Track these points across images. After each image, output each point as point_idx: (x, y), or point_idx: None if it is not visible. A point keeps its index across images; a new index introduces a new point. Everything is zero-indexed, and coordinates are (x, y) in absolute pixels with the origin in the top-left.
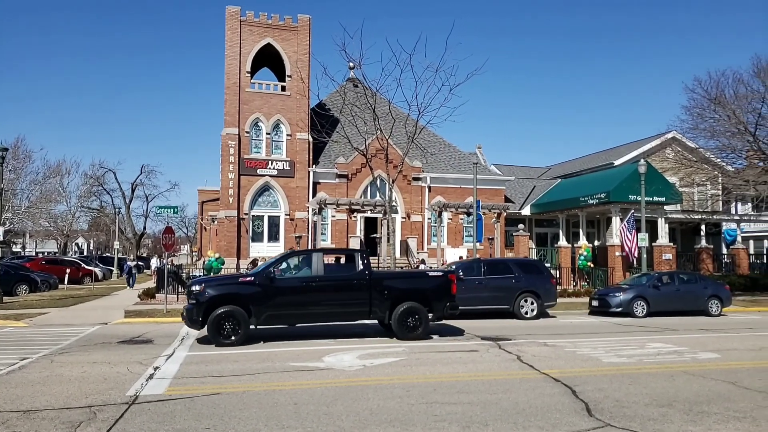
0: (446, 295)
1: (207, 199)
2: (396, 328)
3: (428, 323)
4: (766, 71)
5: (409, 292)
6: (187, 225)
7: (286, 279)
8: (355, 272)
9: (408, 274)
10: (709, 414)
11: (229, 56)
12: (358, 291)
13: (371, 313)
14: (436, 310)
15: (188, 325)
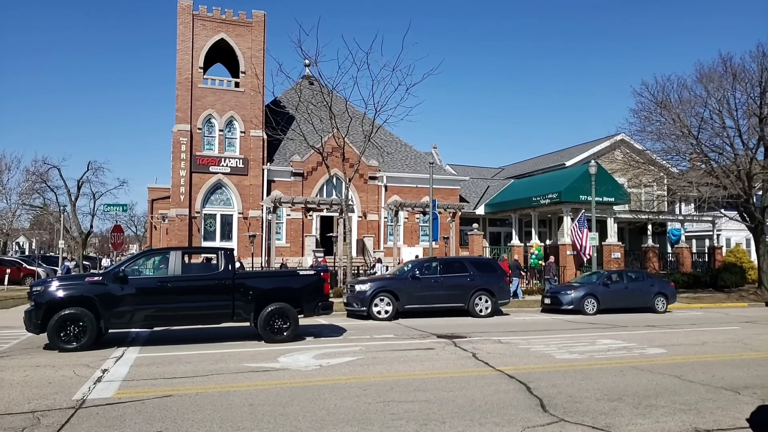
0: (318, 294)
1: (157, 197)
2: (261, 330)
3: (298, 325)
4: (708, 77)
5: (277, 292)
6: (136, 223)
7: (140, 279)
8: (217, 272)
9: (277, 273)
10: (657, 407)
11: (181, 51)
12: (220, 292)
13: (234, 315)
14: (307, 311)
15: (27, 329)
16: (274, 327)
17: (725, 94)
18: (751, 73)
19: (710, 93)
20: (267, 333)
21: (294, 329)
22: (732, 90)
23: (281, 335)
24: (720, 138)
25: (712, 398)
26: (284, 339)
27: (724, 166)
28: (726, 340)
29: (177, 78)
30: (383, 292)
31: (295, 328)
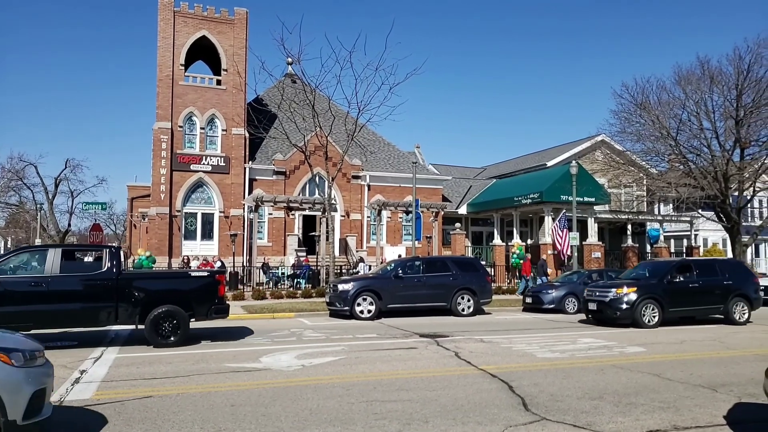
0: (212, 297)
1: (137, 195)
2: (148, 334)
3: (188, 329)
4: (686, 80)
5: (166, 294)
6: (115, 222)
7: (11, 278)
8: (100, 272)
9: (167, 274)
10: (636, 405)
11: (162, 48)
12: (101, 292)
13: (118, 317)
14: (199, 314)
15: None
16: (161, 330)
17: (703, 97)
18: (727, 75)
19: (688, 95)
20: (153, 337)
21: (183, 333)
22: (709, 92)
23: (169, 339)
24: (698, 139)
25: (691, 396)
26: (172, 343)
27: (701, 167)
28: (704, 338)
29: (158, 75)
30: (366, 292)
31: (185, 332)
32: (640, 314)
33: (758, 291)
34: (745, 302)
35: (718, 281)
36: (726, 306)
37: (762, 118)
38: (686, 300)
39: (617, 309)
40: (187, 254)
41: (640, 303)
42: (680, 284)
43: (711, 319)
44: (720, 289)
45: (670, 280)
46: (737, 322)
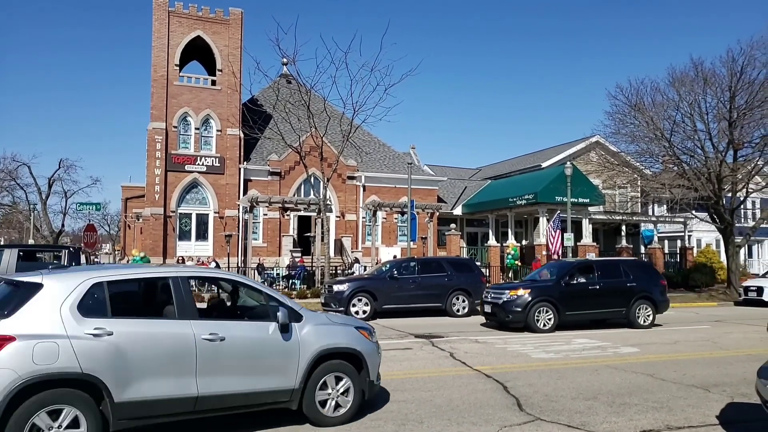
0: None
1: (131, 195)
2: None
3: None
4: (680, 81)
5: None
6: (109, 222)
7: None
8: None
9: None
10: (630, 405)
11: (157, 48)
12: None
13: None
14: None
15: None
16: None
17: (696, 98)
18: (721, 77)
19: (682, 97)
20: None
21: None
22: (703, 94)
23: None
24: (691, 141)
25: (684, 396)
26: None
27: (695, 168)
28: (697, 339)
29: (152, 75)
30: (361, 293)
31: None
32: (534, 317)
33: (665, 293)
34: (650, 305)
35: (621, 283)
36: (629, 309)
37: (755, 120)
38: (585, 303)
39: (510, 312)
40: (181, 255)
41: (534, 305)
42: (579, 286)
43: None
44: (623, 291)
45: (567, 282)
46: (640, 325)
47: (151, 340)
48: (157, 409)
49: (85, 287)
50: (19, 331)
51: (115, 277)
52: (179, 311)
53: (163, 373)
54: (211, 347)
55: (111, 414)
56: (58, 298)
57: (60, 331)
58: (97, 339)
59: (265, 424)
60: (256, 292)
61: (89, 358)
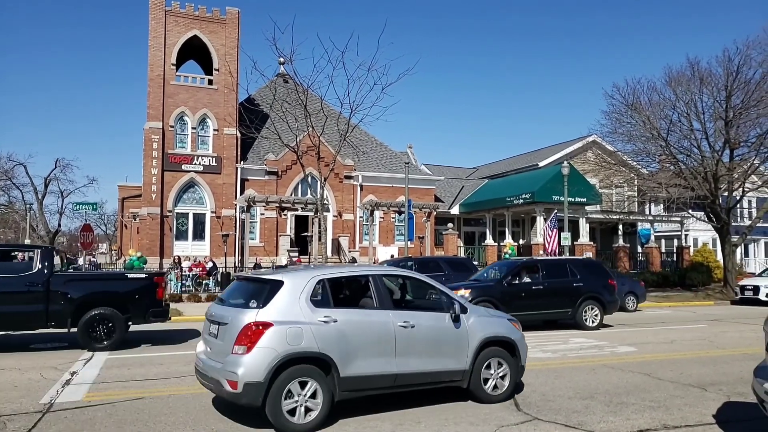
0: (150, 299)
1: (128, 195)
2: (81, 336)
3: (123, 332)
4: (676, 81)
5: (100, 296)
6: (106, 222)
7: None
8: (29, 273)
9: (102, 276)
10: (627, 405)
11: (153, 47)
12: (31, 294)
13: (49, 319)
14: (136, 317)
15: None
16: (95, 333)
17: (693, 98)
18: (717, 77)
19: (679, 96)
20: (86, 340)
21: (119, 336)
22: (699, 93)
23: (102, 343)
24: (688, 140)
25: (680, 395)
26: (106, 347)
27: (691, 167)
28: (693, 338)
29: (149, 75)
30: None
31: (120, 335)
32: None
33: (613, 293)
34: (597, 306)
35: (568, 283)
36: (575, 310)
37: (751, 119)
38: (528, 303)
39: None
40: (178, 254)
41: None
42: (522, 286)
43: (701, 316)
44: (569, 292)
45: (510, 282)
46: (587, 327)
47: (363, 327)
48: (369, 384)
49: (313, 283)
50: (274, 318)
51: (331, 275)
52: (379, 303)
53: (372, 354)
54: (404, 333)
55: (337, 387)
56: (296, 292)
57: (301, 318)
58: (326, 325)
59: (434, 401)
60: (433, 288)
61: (323, 340)
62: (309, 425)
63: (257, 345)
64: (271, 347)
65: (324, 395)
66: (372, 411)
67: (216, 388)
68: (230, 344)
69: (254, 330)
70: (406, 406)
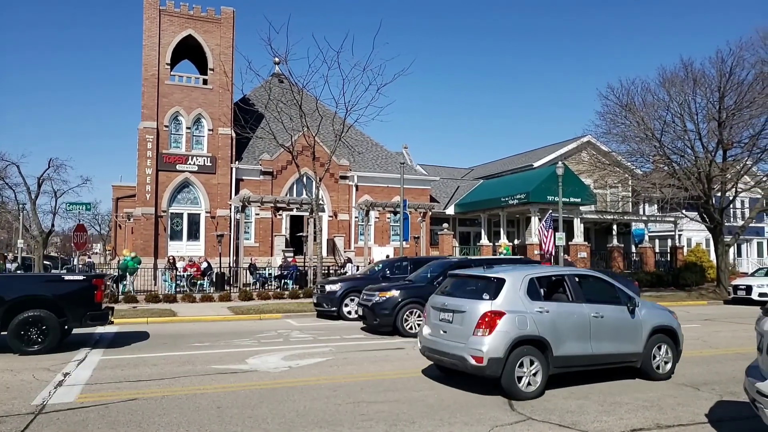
0: (87, 302)
1: (122, 195)
2: (10, 340)
3: (58, 335)
4: (670, 82)
5: (33, 298)
6: (100, 222)
7: None
8: None
9: (35, 278)
10: (621, 404)
11: (148, 47)
12: None
13: None
14: (72, 321)
15: None
16: (26, 337)
17: (686, 99)
18: (710, 78)
19: (672, 97)
20: (17, 343)
21: (52, 340)
22: (693, 94)
23: (34, 346)
24: (681, 141)
25: (674, 395)
26: (39, 351)
27: (685, 168)
28: (687, 337)
29: (143, 74)
30: (354, 293)
31: (55, 338)
32: (402, 320)
33: None
34: None
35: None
36: None
37: (743, 120)
38: None
39: (378, 314)
40: (173, 255)
41: (403, 307)
42: None
43: (695, 315)
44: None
45: (439, 282)
46: None
47: (567, 316)
48: (573, 362)
49: (527, 280)
50: (505, 308)
51: (539, 274)
52: (574, 297)
53: (575, 338)
54: (596, 322)
55: (550, 364)
56: (516, 288)
57: (523, 309)
58: (542, 314)
59: (610, 378)
60: (613, 285)
61: (541, 326)
62: (532, 394)
63: (496, 329)
64: (506, 331)
65: (543, 370)
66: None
67: (459, 363)
68: (471, 328)
69: (491, 317)
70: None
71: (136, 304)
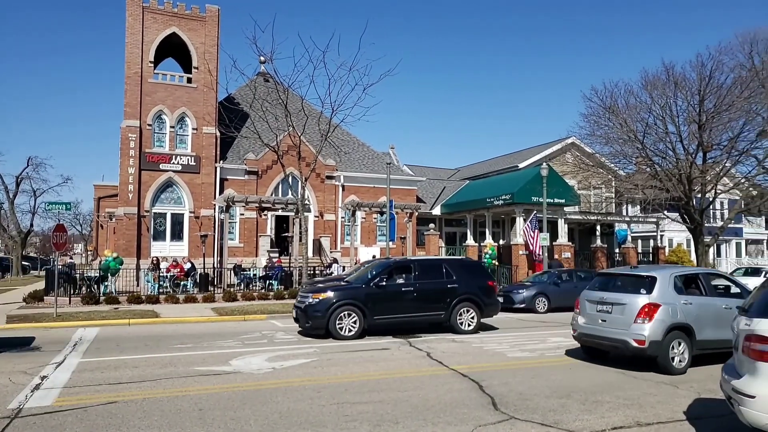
0: None
1: (104, 195)
2: None
3: None
4: (652, 84)
5: None
6: (81, 222)
7: None
8: None
9: None
10: (602, 403)
11: (130, 44)
12: None
13: None
14: None
15: None
16: None
17: (668, 101)
18: (691, 81)
19: (654, 100)
20: None
21: None
22: (674, 97)
23: None
24: (663, 143)
25: (654, 393)
26: None
27: (666, 169)
28: None
29: (126, 72)
30: None
31: None
32: (335, 323)
33: (492, 295)
34: (473, 308)
35: (442, 284)
36: (449, 312)
37: (723, 123)
38: (398, 306)
39: (310, 317)
40: (156, 255)
41: (336, 310)
42: (392, 287)
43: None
44: (443, 293)
45: (378, 283)
46: (462, 330)
47: (705, 307)
48: (709, 345)
49: (672, 277)
50: (659, 301)
51: (680, 272)
52: (707, 292)
53: (711, 326)
54: (725, 312)
55: (694, 347)
56: (665, 284)
57: (672, 301)
58: (687, 305)
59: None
60: (734, 282)
61: (687, 315)
62: (681, 370)
63: (654, 318)
64: (662, 320)
65: (689, 351)
66: None
67: (621, 345)
68: (632, 317)
69: (650, 308)
70: None
71: (117, 306)
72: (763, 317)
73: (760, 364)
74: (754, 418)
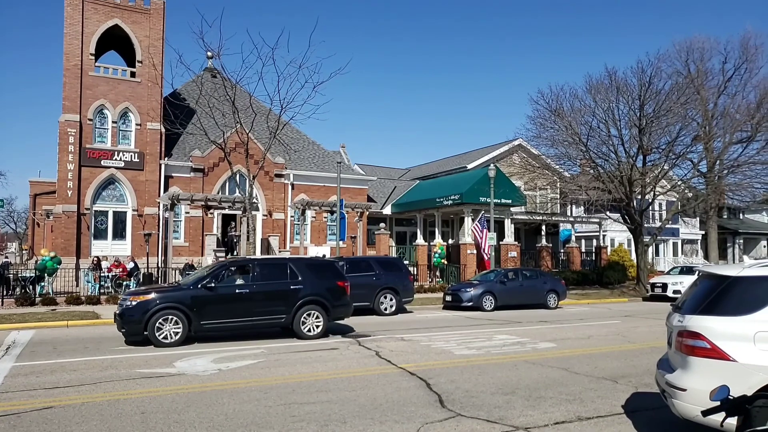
0: None
1: (41, 191)
2: None
3: None
4: (595, 89)
5: None
6: (15, 220)
7: None
8: None
9: None
10: (545, 398)
11: (69, 35)
12: None
13: None
14: None
15: None
16: None
17: (611, 106)
18: (632, 87)
19: (598, 104)
20: None
21: None
22: (616, 102)
23: None
24: (606, 146)
25: (594, 388)
26: None
27: (609, 171)
28: (608, 333)
29: (65, 64)
30: None
31: None
32: (154, 329)
33: (341, 297)
34: (320, 310)
35: (284, 285)
36: (292, 316)
37: (661, 128)
38: (230, 310)
39: (127, 322)
40: (97, 255)
41: (156, 314)
42: (224, 290)
43: (616, 312)
44: (285, 296)
45: (206, 285)
46: (305, 336)
47: None
48: None
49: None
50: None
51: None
52: None
53: None
54: None
55: None
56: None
57: None
58: None
59: None
60: None
61: None
62: None
63: None
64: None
65: None
66: None
67: None
68: None
69: None
70: None
71: (55, 307)
72: (694, 314)
73: (691, 359)
74: (685, 410)
